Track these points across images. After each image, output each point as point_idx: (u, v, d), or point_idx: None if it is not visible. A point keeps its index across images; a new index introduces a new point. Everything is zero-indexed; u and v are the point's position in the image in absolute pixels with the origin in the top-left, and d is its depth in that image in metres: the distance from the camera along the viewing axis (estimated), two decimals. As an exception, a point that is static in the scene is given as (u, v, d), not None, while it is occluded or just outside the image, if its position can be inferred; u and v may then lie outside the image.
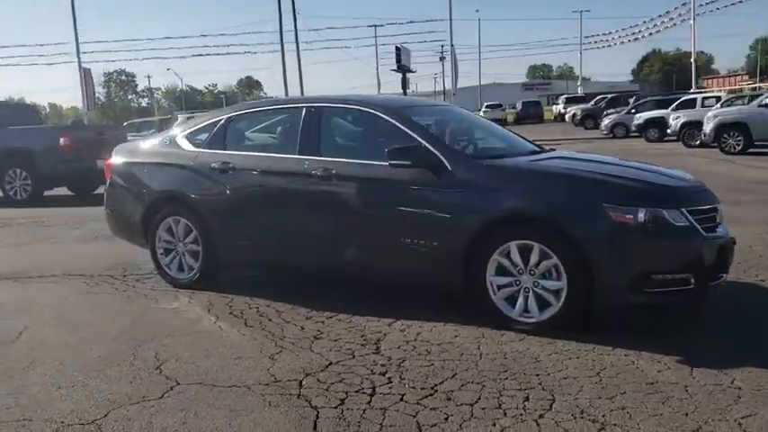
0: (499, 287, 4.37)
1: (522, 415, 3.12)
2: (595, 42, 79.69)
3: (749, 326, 4.35)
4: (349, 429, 3.03)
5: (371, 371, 3.73)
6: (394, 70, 45.97)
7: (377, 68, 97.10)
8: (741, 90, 46.14)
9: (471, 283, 4.43)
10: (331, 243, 5.02)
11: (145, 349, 4.20)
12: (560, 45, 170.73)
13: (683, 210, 4.12)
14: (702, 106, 22.45)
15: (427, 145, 4.66)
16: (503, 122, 37.92)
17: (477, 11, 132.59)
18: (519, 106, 51.00)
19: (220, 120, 5.82)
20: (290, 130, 5.41)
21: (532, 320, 4.27)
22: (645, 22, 75.21)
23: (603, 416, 3.07)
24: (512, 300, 4.35)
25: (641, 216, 4.00)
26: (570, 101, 46.64)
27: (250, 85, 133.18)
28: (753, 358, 3.68)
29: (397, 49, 43.94)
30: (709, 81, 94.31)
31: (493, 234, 4.34)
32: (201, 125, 5.94)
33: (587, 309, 4.15)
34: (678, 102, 24.12)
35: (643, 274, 4.01)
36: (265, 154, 5.52)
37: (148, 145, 6.28)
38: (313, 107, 5.31)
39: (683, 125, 21.22)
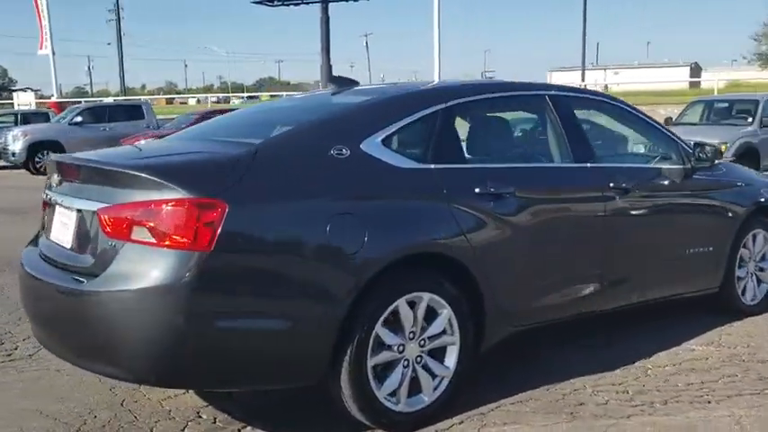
0: (739, 278, 4.38)
1: None
2: None
3: None
4: None
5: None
6: None
7: None
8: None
9: (726, 281, 4.28)
10: (624, 272, 3.81)
11: None
12: None
13: None
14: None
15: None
16: None
17: None
18: None
19: (435, 111, 3.21)
20: (541, 127, 3.81)
21: (758, 301, 4.49)
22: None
23: None
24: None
25: None
26: None
27: None
28: None
29: None
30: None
31: (745, 228, 4.31)
32: (402, 123, 3.12)
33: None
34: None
35: None
36: (543, 165, 3.67)
37: (288, 163, 2.79)
38: (559, 96, 3.73)
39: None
